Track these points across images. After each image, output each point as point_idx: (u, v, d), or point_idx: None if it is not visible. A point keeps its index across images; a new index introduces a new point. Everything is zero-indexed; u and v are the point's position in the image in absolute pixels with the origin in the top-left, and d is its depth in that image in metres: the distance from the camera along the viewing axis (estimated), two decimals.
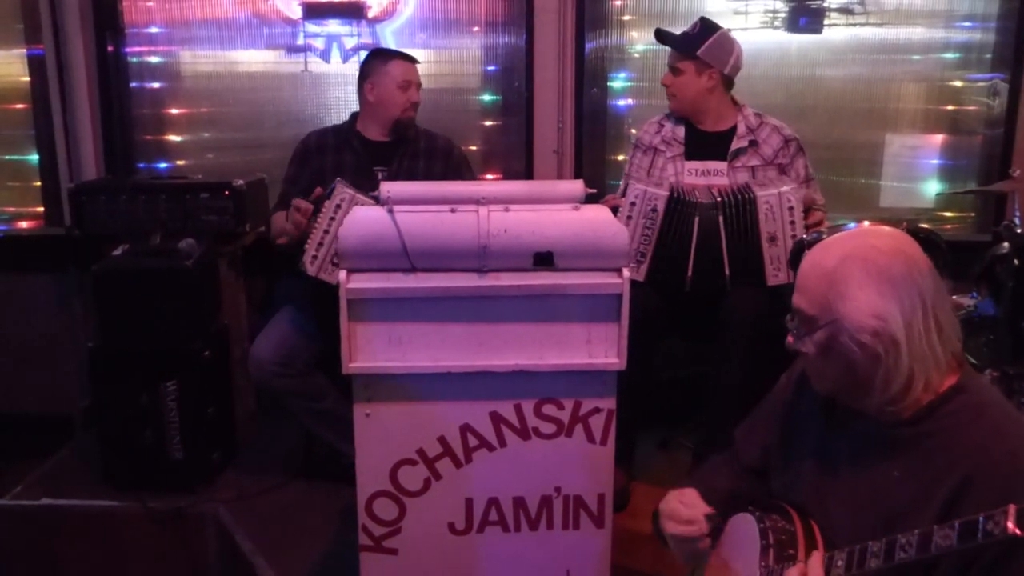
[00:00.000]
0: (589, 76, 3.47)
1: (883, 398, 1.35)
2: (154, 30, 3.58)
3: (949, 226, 3.55)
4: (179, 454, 2.87)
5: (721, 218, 2.63)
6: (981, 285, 2.72)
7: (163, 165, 3.66)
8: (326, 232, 2.26)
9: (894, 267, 1.33)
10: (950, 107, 3.51)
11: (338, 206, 2.24)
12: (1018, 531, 1.09)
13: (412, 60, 2.94)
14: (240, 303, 3.30)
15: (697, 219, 2.64)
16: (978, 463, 1.28)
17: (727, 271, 2.64)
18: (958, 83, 3.49)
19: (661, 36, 2.91)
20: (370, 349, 1.87)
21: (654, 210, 2.63)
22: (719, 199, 2.64)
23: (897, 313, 1.31)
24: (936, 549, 1.18)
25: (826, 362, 1.39)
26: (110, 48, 3.48)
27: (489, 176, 3.58)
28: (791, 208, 2.58)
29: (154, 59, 3.61)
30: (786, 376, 1.66)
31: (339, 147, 2.91)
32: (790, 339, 1.45)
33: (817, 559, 1.34)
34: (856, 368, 1.34)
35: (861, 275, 1.33)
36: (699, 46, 2.80)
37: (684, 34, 2.86)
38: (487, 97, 3.61)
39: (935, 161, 3.55)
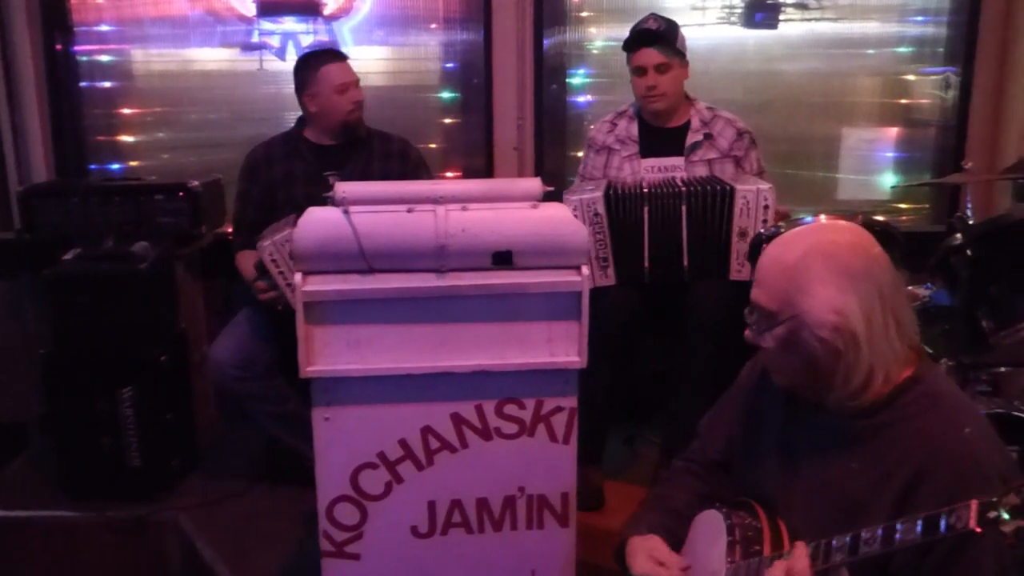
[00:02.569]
0: (548, 72, 3.45)
1: (843, 392, 1.36)
2: (104, 28, 3.49)
3: (904, 218, 3.60)
4: (137, 461, 2.82)
5: (684, 207, 2.62)
6: (936, 276, 2.74)
7: (116, 166, 3.58)
8: (289, 284, 2.30)
9: (853, 262, 1.34)
10: (904, 100, 3.57)
11: (274, 260, 2.36)
12: (979, 528, 1.10)
13: (343, 57, 2.88)
14: (198, 306, 3.25)
15: (646, 208, 2.63)
16: (932, 453, 1.30)
17: (685, 261, 2.64)
18: (912, 77, 3.54)
19: (646, 37, 2.76)
20: (328, 352, 1.85)
21: (596, 214, 2.62)
22: (683, 188, 2.64)
23: (857, 308, 1.32)
24: (899, 543, 1.19)
25: (786, 357, 1.40)
26: (58, 47, 3.40)
27: (449, 174, 3.55)
28: (766, 207, 2.59)
29: (105, 58, 3.53)
30: (748, 366, 1.66)
31: (288, 155, 2.87)
32: (748, 333, 1.46)
33: (802, 551, 1.32)
34: (817, 363, 1.35)
35: (821, 270, 1.34)
36: (676, 38, 2.77)
37: (658, 31, 2.77)
38: (446, 94, 3.59)
39: (890, 154, 3.61)
